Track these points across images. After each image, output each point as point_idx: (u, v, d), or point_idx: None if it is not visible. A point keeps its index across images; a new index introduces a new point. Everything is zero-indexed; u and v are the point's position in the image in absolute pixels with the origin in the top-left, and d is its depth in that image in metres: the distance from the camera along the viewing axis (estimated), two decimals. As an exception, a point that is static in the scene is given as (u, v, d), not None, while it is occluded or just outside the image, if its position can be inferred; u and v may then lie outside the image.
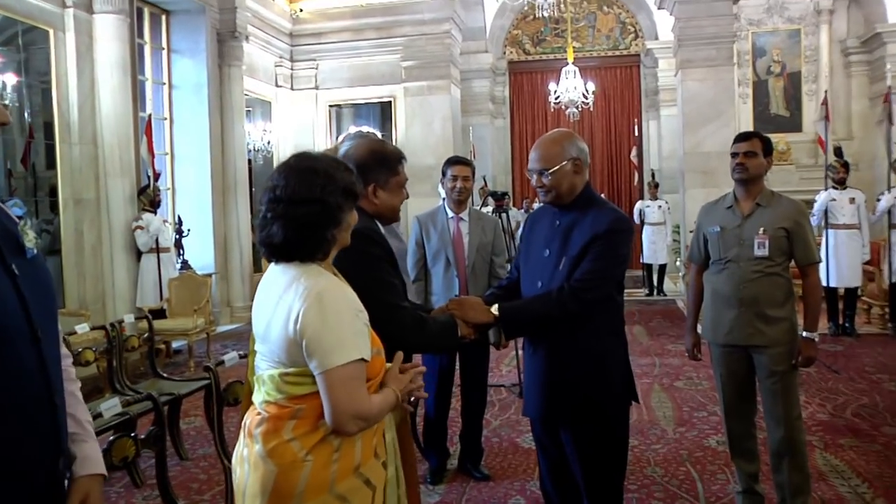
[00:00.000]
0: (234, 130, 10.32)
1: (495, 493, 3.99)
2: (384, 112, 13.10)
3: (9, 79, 7.13)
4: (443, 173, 4.18)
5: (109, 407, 2.83)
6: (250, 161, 11.44)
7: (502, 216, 6.03)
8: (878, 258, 8.53)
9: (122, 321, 5.09)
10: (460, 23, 12.88)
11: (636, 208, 12.27)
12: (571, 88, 13.78)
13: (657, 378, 6.38)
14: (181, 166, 9.90)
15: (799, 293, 3.40)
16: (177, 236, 9.01)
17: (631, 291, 12.03)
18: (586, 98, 13.98)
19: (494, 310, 2.53)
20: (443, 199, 4.35)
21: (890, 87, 8.89)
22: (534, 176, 2.63)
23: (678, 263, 12.28)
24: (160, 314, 7.70)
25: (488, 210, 7.33)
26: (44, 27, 7.21)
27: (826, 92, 10.71)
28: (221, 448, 3.54)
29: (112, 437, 2.77)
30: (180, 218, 9.24)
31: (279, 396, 1.79)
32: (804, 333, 3.33)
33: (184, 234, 9.12)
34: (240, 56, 10.42)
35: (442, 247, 4.16)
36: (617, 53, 16.24)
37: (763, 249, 3.29)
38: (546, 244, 2.65)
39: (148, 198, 8.07)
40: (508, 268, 4.18)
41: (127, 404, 3.23)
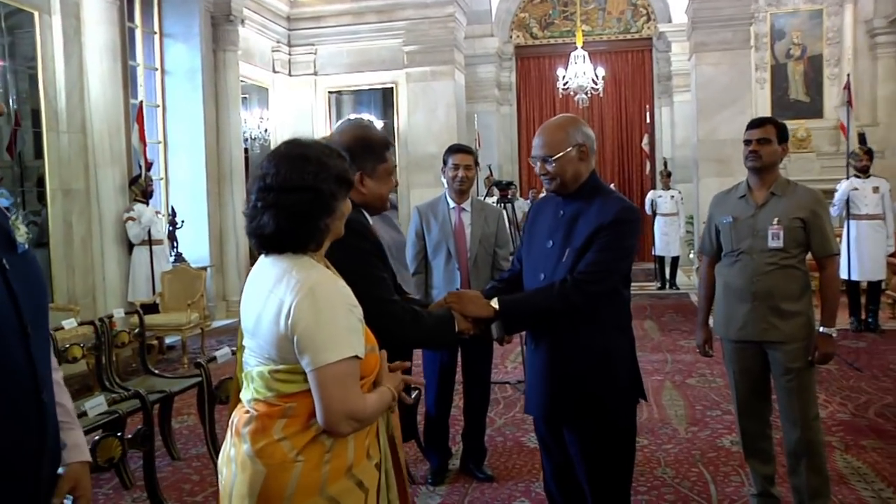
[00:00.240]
0: (230, 118, 10.33)
1: (499, 495, 3.98)
2: (385, 99, 13.10)
3: (-7, 64, 7.15)
4: (444, 162, 4.17)
5: (94, 405, 2.82)
6: (246, 150, 11.46)
7: (507, 206, 6.02)
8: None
9: (112, 316, 5.10)
10: (465, 5, 12.85)
11: (648, 198, 12.25)
12: (581, 74, 13.73)
13: (669, 375, 6.36)
14: (174, 155, 9.91)
15: (816, 286, 3.38)
16: (170, 228, 9.02)
17: (642, 285, 12.02)
18: (596, 84, 13.93)
19: (494, 303, 2.51)
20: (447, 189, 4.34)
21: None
22: (537, 163, 2.61)
23: (691, 256, 12.24)
24: (153, 309, 7.73)
25: (493, 200, 7.32)
26: (29, 9, 7.16)
27: (849, 76, 10.62)
28: (213, 448, 3.55)
29: (97, 437, 2.76)
30: (173, 209, 9.24)
31: (269, 394, 1.78)
32: (821, 329, 3.31)
33: (177, 226, 9.12)
34: (235, 40, 10.42)
35: (443, 238, 4.14)
36: (628, 37, 16.16)
37: (777, 241, 3.26)
38: (549, 235, 2.63)
39: (140, 188, 8.08)
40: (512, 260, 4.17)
41: (114, 402, 3.23)
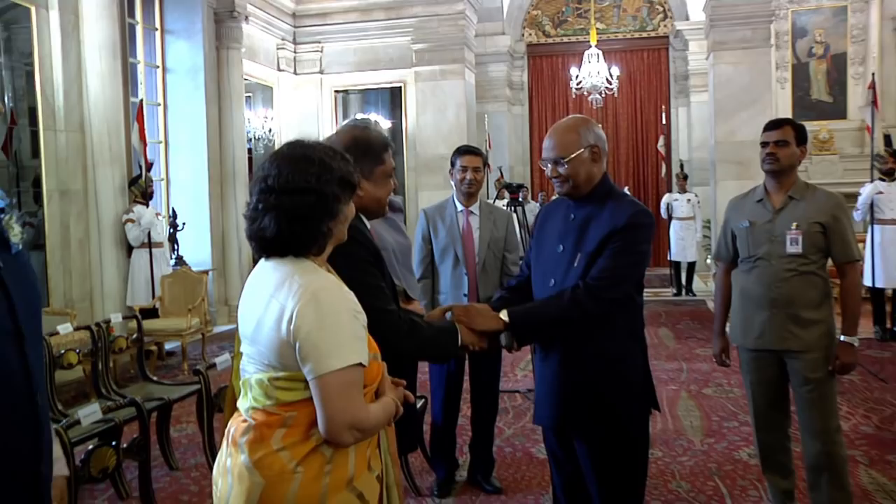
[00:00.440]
0: (233, 117, 10.34)
1: (507, 509, 3.97)
2: (394, 98, 13.10)
3: (-11, 60, 7.15)
4: (451, 164, 4.16)
5: (88, 413, 2.81)
6: (250, 150, 11.46)
7: (518, 210, 6.01)
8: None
9: (110, 321, 5.11)
10: (475, 2, 12.85)
11: (663, 202, 12.19)
12: (595, 73, 13.72)
13: (684, 385, 6.33)
14: (175, 155, 9.93)
15: (837, 294, 3.36)
16: (170, 230, 9.04)
17: (657, 291, 11.99)
18: (610, 84, 13.92)
19: (504, 315, 2.51)
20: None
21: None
22: (548, 166, 2.61)
23: (708, 261, 12.21)
24: (152, 313, 7.74)
25: (503, 203, 7.31)
26: (25, 4, 7.14)
27: (874, 74, 10.55)
28: (213, 457, 3.54)
29: (91, 447, 2.75)
30: (174, 210, 9.25)
31: (268, 403, 1.78)
32: (842, 337, 3.29)
33: (178, 228, 9.14)
34: (239, 38, 10.44)
35: (450, 242, 4.14)
36: (644, 35, 16.13)
37: (796, 246, 3.25)
38: (560, 239, 2.62)
39: (140, 189, 8.09)
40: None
41: (109, 410, 3.22)
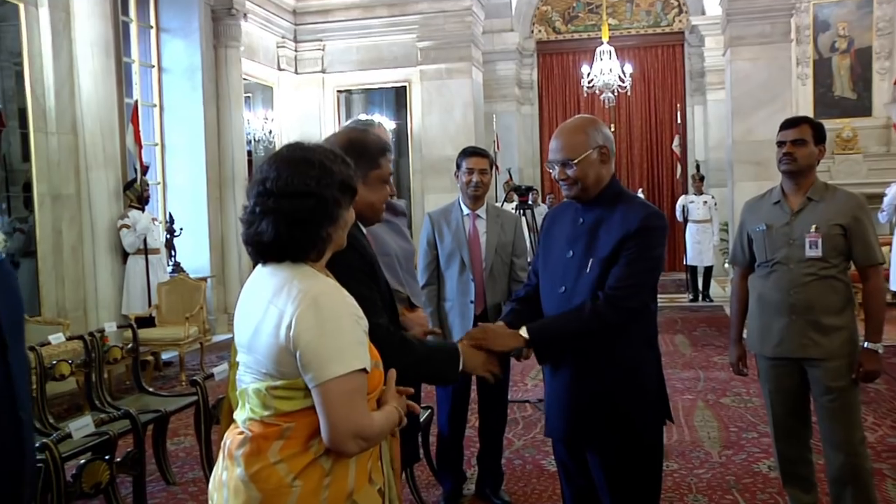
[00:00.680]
0: (232, 118, 10.36)
1: (516, 524, 3.97)
2: (398, 98, 13.12)
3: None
4: (457, 166, 4.15)
5: (80, 426, 2.81)
6: (250, 153, 11.49)
7: (527, 213, 6.01)
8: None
9: (104, 330, 5.11)
10: (483, -2, 12.87)
11: (679, 204, 12.18)
12: (607, 71, 13.72)
13: (701, 394, 6.31)
14: (172, 158, 9.96)
15: (860, 299, 3.34)
16: (167, 236, 9.05)
17: (673, 297, 11.96)
18: (623, 82, 13.91)
19: (524, 332, 2.51)
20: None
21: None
22: (555, 168, 2.60)
23: (726, 265, 12.15)
24: (148, 322, 7.74)
25: (512, 207, 7.31)
26: (14, 1, 7.11)
27: (900, 69, 10.53)
28: (210, 471, 3.53)
29: (84, 461, 2.75)
30: (171, 215, 9.28)
31: (265, 413, 1.78)
32: (865, 344, 3.27)
33: (175, 234, 9.16)
34: (237, 36, 10.46)
35: (456, 247, 4.13)
36: (658, 31, 16.14)
37: (816, 249, 3.23)
38: (569, 244, 2.62)
39: (135, 193, 8.11)
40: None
41: (103, 423, 3.23)
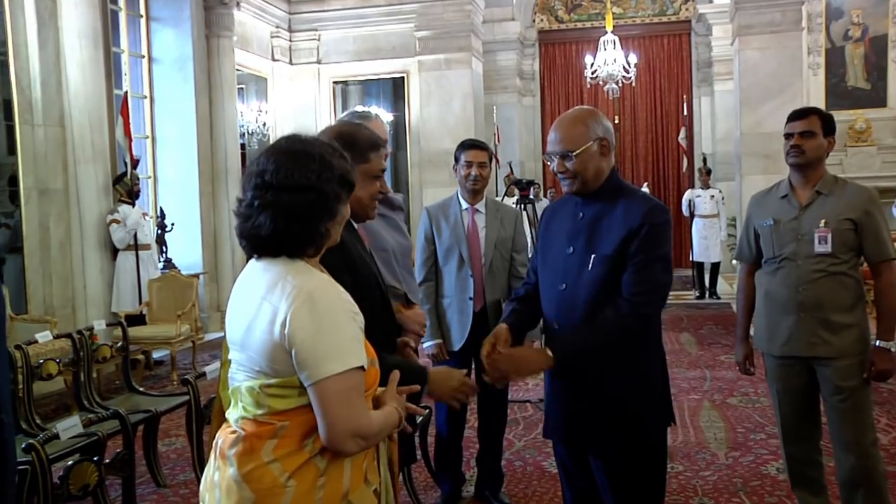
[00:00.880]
0: (225, 110, 10.35)
1: (516, 527, 3.97)
2: (396, 89, 13.11)
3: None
4: (455, 159, 4.15)
5: (68, 427, 2.81)
6: (243, 146, 11.46)
7: (528, 207, 6.00)
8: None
9: (93, 328, 5.11)
10: (483, -14, 12.85)
11: (685, 198, 12.18)
12: (611, 61, 13.67)
13: (707, 394, 6.32)
14: (163, 151, 9.95)
15: (871, 296, 3.35)
16: (158, 231, 9.07)
17: (679, 294, 11.93)
18: (628, 72, 13.87)
19: (550, 352, 2.50)
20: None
21: None
22: (554, 160, 2.61)
23: (734, 262, 12.15)
24: (139, 320, 7.75)
25: (513, 201, 7.31)
26: (-4, -11, 7.08)
27: (917, 58, 10.49)
28: (202, 472, 3.54)
29: (71, 462, 2.75)
30: (162, 210, 9.29)
31: (259, 412, 1.79)
32: (877, 342, 3.27)
33: (166, 229, 9.16)
34: (230, 25, 10.45)
35: (455, 242, 4.12)
36: (664, 20, 16.10)
37: (825, 245, 3.23)
38: (569, 240, 2.62)
39: (125, 187, 8.11)
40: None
41: (91, 423, 3.23)
